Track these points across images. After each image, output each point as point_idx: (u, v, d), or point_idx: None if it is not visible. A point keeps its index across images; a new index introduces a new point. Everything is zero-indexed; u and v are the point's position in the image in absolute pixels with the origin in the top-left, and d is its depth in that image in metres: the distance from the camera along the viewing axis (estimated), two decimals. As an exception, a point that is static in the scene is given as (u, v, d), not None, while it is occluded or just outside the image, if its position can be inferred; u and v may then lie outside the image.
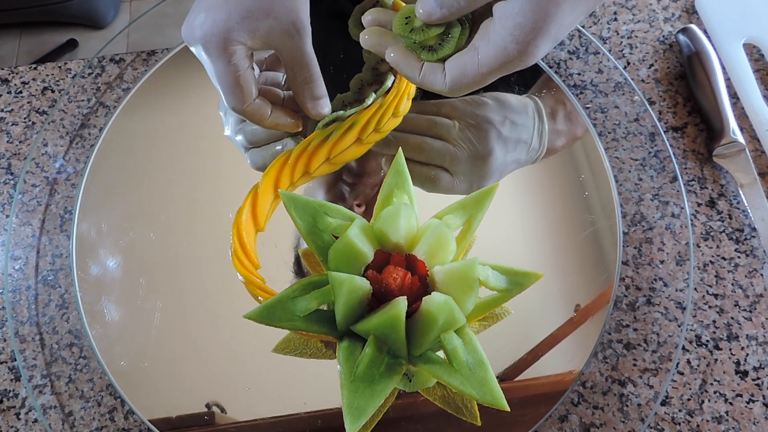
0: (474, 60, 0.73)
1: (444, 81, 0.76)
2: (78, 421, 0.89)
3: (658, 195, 1.00)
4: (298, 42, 0.82)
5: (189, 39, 0.81)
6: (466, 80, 0.74)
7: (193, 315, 0.93)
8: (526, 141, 1.00)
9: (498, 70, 0.72)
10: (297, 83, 0.85)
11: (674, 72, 1.11)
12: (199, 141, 1.02)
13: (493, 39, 0.71)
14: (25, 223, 1.00)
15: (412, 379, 0.81)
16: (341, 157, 0.91)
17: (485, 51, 0.72)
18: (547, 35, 0.69)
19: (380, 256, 0.80)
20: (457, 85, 0.75)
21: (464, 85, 0.75)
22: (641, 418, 0.88)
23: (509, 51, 0.70)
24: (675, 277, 0.95)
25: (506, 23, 0.69)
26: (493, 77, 0.73)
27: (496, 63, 0.71)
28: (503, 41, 0.69)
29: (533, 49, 0.69)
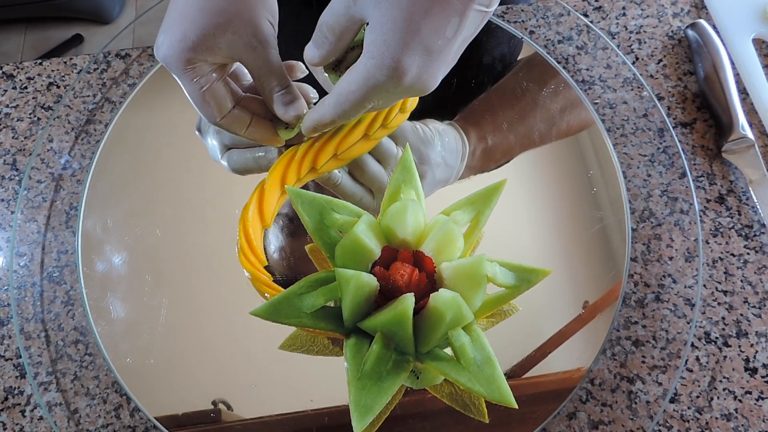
0: (345, 83, 0.74)
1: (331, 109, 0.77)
2: (83, 418, 0.88)
3: (666, 191, 1.00)
4: (261, 53, 0.81)
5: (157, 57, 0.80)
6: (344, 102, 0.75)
7: (200, 312, 0.93)
8: (448, 181, 1.00)
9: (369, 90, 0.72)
10: (266, 92, 0.84)
11: (683, 67, 1.10)
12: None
13: (360, 60, 0.72)
14: (30, 219, 0.99)
15: (419, 376, 0.81)
16: (348, 153, 0.91)
17: (353, 71, 0.72)
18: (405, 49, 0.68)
19: (387, 252, 0.80)
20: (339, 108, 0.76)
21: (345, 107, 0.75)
22: (650, 415, 0.87)
23: (369, 68, 0.70)
24: (684, 273, 0.95)
25: (366, 41, 0.70)
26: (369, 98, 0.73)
27: (361, 82, 0.71)
28: (364, 59, 0.70)
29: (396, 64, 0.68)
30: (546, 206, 0.99)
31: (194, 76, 0.79)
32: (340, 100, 0.75)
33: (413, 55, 0.68)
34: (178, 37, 0.77)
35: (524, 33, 1.12)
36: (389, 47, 0.68)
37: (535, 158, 1.02)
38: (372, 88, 0.71)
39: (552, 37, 1.13)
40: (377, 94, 0.72)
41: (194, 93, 0.80)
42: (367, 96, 0.73)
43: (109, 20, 2.94)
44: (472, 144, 1.02)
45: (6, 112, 1.08)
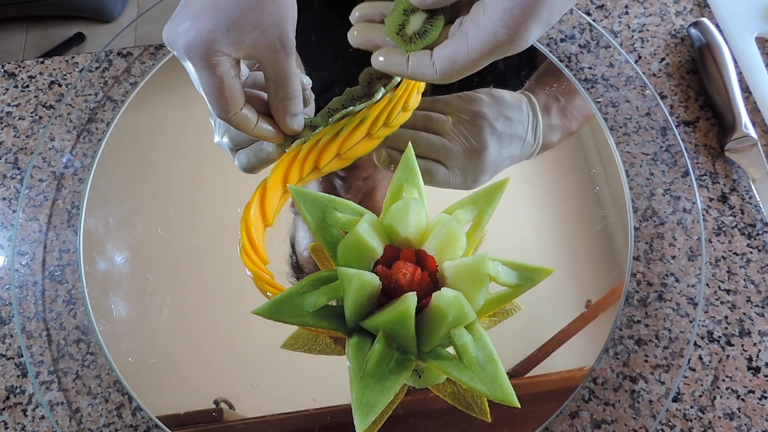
0: (464, 46, 0.72)
1: (434, 69, 0.75)
2: (85, 417, 0.88)
3: (669, 190, 0.99)
4: (282, 57, 0.80)
5: (172, 45, 0.79)
6: (456, 67, 0.73)
7: (201, 311, 0.93)
8: (520, 136, 1.00)
9: (488, 55, 0.71)
10: (277, 98, 0.84)
11: (686, 66, 1.10)
12: (208, 135, 1.02)
13: (483, 24, 0.70)
14: (32, 218, 0.99)
15: (421, 375, 0.81)
16: (351, 153, 0.91)
17: (475, 36, 0.71)
18: (538, 19, 0.68)
19: (390, 251, 0.80)
20: (447, 72, 0.74)
21: (455, 71, 0.74)
22: (653, 414, 0.87)
23: (499, 35, 0.69)
24: (687, 272, 0.95)
25: (496, 7, 0.68)
26: (483, 63, 0.72)
27: (486, 48, 0.70)
28: (493, 26, 0.69)
29: (524, 33, 0.68)
30: (548, 205, 0.99)
31: (216, 69, 0.78)
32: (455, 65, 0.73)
33: (540, 26, 0.69)
34: (209, 27, 0.75)
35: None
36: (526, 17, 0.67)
37: (538, 157, 1.01)
38: (494, 54, 0.71)
39: (554, 35, 1.13)
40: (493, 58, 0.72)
41: (212, 86, 0.79)
42: (485, 61, 0.72)
43: (111, 19, 2.94)
44: (542, 101, 1.03)
45: (7, 110, 1.08)
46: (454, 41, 0.73)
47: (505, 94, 1.03)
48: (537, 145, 1.01)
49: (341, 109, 0.91)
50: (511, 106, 1.01)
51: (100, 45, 2.71)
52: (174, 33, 0.77)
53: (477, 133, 0.98)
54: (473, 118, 0.99)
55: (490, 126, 0.99)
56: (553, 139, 1.03)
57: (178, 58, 0.80)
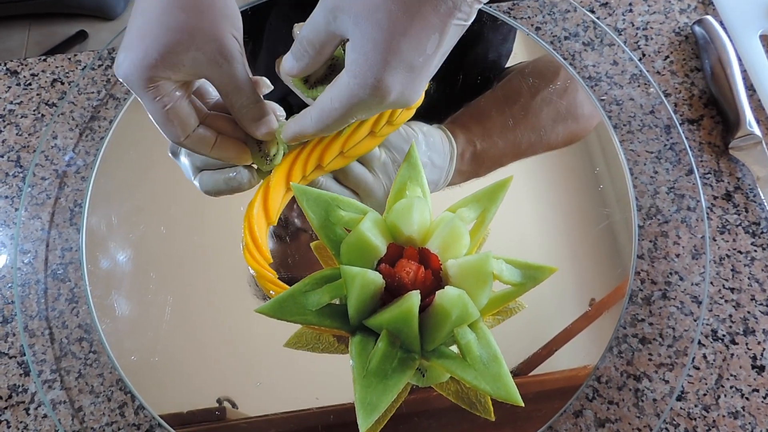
0: (327, 98, 0.73)
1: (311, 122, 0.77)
2: (88, 416, 0.88)
3: (673, 188, 0.99)
4: (227, 69, 0.78)
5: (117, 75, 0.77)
6: (326, 118, 0.75)
7: (204, 309, 0.93)
8: (436, 182, 0.99)
9: (352, 108, 0.72)
10: (236, 109, 0.83)
11: (690, 64, 1.10)
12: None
13: (341, 77, 0.72)
14: (34, 216, 0.99)
15: (425, 374, 0.80)
16: (354, 151, 0.91)
17: (334, 88, 0.72)
18: (387, 67, 0.68)
19: (393, 249, 0.80)
20: (321, 123, 0.76)
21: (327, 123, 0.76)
22: (657, 413, 0.87)
23: (351, 87, 0.70)
24: (691, 271, 0.94)
25: (347, 60, 0.70)
26: (352, 114, 0.73)
27: (344, 99, 0.72)
28: (346, 77, 0.70)
29: (377, 83, 0.69)
30: (552, 203, 0.99)
31: (156, 95, 0.76)
32: (323, 115, 0.75)
33: (396, 74, 0.69)
34: (140, 56, 0.74)
35: (530, 29, 1.12)
36: (371, 67, 0.68)
37: (542, 155, 1.01)
38: (355, 106, 0.71)
39: (558, 33, 1.12)
40: (360, 110, 0.72)
41: (157, 112, 0.78)
42: (350, 113, 0.73)
43: (114, 16, 2.94)
44: (461, 146, 1.02)
45: (10, 108, 1.08)
46: (323, 95, 0.75)
47: (436, 136, 1.02)
48: (443, 186, 1.01)
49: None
50: (438, 151, 1.00)
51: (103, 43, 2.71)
52: (116, 65, 0.77)
53: None
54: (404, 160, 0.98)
55: None
56: (456, 181, 1.02)
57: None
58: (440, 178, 0.99)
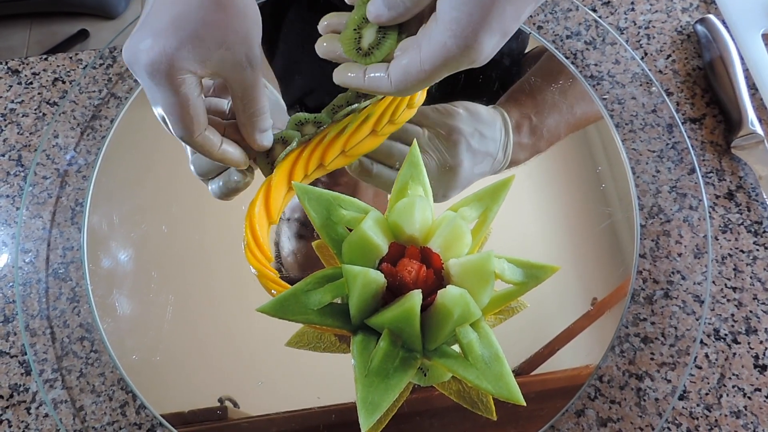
0: (416, 58, 0.71)
1: (389, 82, 0.75)
2: (89, 415, 0.88)
3: (675, 187, 0.99)
4: (250, 75, 0.79)
5: (133, 62, 0.76)
6: (410, 79, 0.73)
7: (206, 308, 0.92)
8: (492, 154, 1.00)
9: (442, 66, 0.70)
10: (245, 115, 0.83)
11: (692, 63, 1.10)
12: (212, 132, 1.02)
13: (434, 35, 0.70)
14: (35, 215, 0.99)
15: (426, 373, 0.80)
16: (356, 150, 0.91)
17: (426, 48, 0.70)
18: (488, 29, 0.67)
19: (395, 248, 0.80)
20: (402, 84, 0.74)
21: (409, 84, 0.74)
22: (659, 412, 0.87)
23: (449, 47, 0.68)
24: (693, 270, 0.94)
25: (444, 18, 0.68)
26: (438, 75, 0.72)
27: (438, 60, 0.70)
28: (443, 36, 0.68)
29: (475, 44, 0.68)
30: (554, 202, 0.99)
31: (181, 87, 0.75)
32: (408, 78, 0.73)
33: (493, 37, 0.68)
34: (174, 44, 0.73)
35: (532, 28, 1.12)
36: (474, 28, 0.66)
37: (544, 154, 1.01)
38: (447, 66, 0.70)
39: (560, 32, 1.12)
40: (447, 71, 0.71)
41: (177, 106, 0.77)
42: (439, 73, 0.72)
43: (115, 15, 2.94)
44: (515, 119, 1.02)
45: (11, 107, 1.08)
46: (407, 54, 0.73)
47: (480, 109, 1.02)
48: (505, 163, 1.01)
49: (346, 106, 0.91)
50: (486, 123, 1.01)
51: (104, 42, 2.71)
52: (135, 50, 0.75)
53: (452, 148, 0.98)
54: (449, 132, 0.98)
55: (466, 142, 0.99)
56: (520, 157, 1.02)
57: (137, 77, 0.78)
58: (496, 150, 1.00)
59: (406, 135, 0.98)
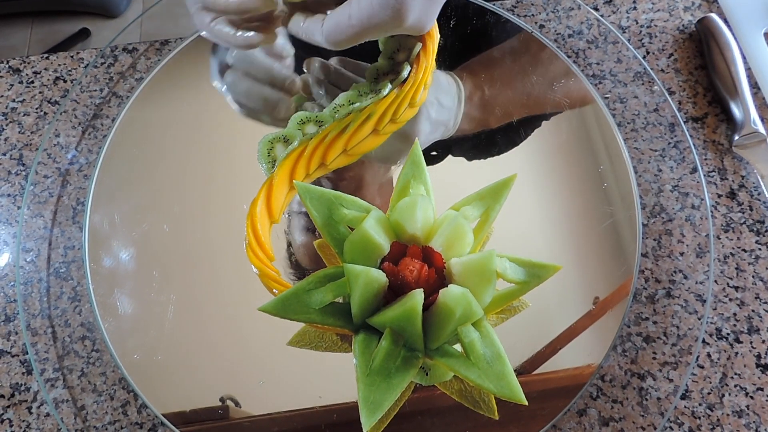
0: (345, 14, 0.76)
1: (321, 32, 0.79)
2: (90, 415, 0.88)
3: (677, 186, 0.99)
4: None
5: None
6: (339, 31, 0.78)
7: (207, 308, 0.92)
8: (445, 123, 1.00)
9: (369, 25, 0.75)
10: None
11: (694, 62, 1.10)
12: (213, 131, 1.02)
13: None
14: (36, 214, 0.99)
15: (428, 372, 0.80)
16: (358, 149, 0.91)
17: (356, 5, 0.75)
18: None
19: (396, 247, 0.80)
20: (332, 36, 0.79)
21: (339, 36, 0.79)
22: (661, 412, 0.87)
23: (374, 7, 0.73)
24: (695, 269, 0.94)
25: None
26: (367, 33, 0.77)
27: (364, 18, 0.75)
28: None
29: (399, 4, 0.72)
30: (556, 201, 0.99)
31: None
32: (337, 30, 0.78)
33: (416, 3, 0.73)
34: None
35: (534, 27, 1.12)
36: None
37: (545, 153, 1.01)
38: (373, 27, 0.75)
39: (562, 31, 1.12)
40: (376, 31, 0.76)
41: None
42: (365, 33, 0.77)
43: (117, 14, 2.94)
44: (468, 89, 1.03)
45: (12, 106, 1.08)
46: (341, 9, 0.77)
47: (441, 76, 1.03)
48: (453, 131, 1.02)
49: (348, 105, 0.91)
50: (445, 90, 1.02)
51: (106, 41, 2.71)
52: None
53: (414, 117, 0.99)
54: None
55: (426, 112, 1.00)
56: (466, 128, 1.02)
57: None
58: (449, 119, 1.00)
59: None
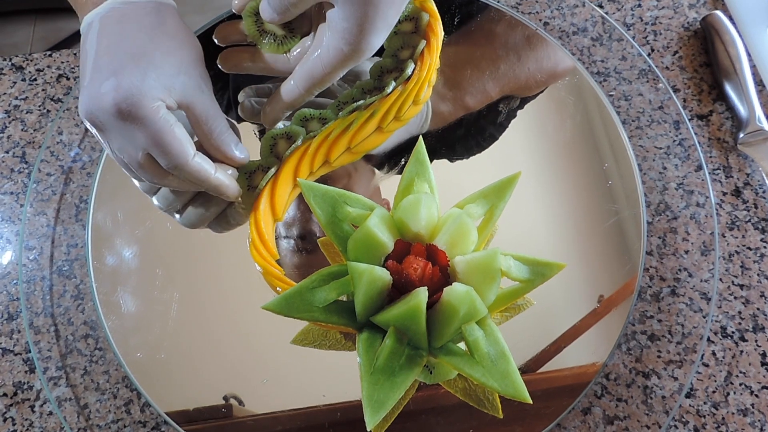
0: (318, 64, 0.83)
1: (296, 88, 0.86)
2: (93, 413, 0.88)
3: (682, 184, 0.99)
4: (207, 95, 0.82)
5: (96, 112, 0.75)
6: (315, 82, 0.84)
7: (211, 306, 0.92)
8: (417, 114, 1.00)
9: (340, 67, 0.82)
10: (214, 136, 0.82)
11: (699, 59, 1.09)
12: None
13: (330, 44, 0.81)
14: (39, 212, 0.99)
15: (432, 371, 0.80)
16: (362, 146, 0.91)
17: (326, 55, 0.82)
18: (375, 30, 0.79)
19: (400, 246, 0.80)
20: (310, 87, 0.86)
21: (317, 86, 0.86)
22: (666, 410, 0.87)
23: (345, 52, 0.80)
24: (700, 267, 0.94)
25: (337, 28, 0.79)
26: (339, 73, 0.84)
27: (337, 63, 0.82)
28: (338, 44, 0.80)
29: (365, 45, 0.80)
30: (560, 199, 0.98)
31: (160, 114, 0.75)
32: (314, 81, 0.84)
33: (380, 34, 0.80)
34: (139, 77, 0.74)
35: (538, 24, 1.12)
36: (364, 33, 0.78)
37: (550, 150, 1.01)
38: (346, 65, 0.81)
39: (567, 28, 1.12)
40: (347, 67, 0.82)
41: (161, 132, 0.75)
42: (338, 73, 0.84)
43: (120, 12, 2.94)
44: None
45: (15, 104, 1.07)
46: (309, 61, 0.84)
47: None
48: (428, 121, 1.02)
49: (351, 103, 0.91)
50: None
51: (109, 39, 2.70)
52: (97, 97, 0.74)
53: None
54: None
55: None
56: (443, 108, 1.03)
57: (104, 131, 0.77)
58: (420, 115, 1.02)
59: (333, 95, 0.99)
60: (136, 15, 0.79)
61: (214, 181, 0.82)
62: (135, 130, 0.75)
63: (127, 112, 0.74)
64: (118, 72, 0.74)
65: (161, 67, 0.76)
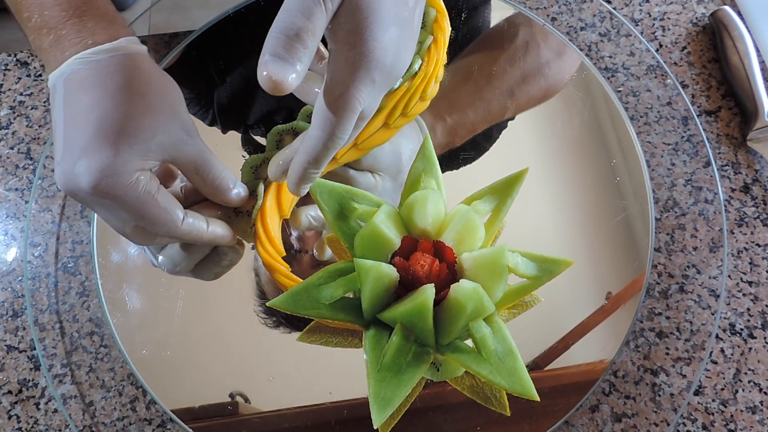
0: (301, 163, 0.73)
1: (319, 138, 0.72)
2: (99, 411, 0.88)
3: (691, 180, 0.98)
4: (192, 144, 0.76)
5: (75, 192, 0.72)
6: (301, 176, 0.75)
7: (216, 303, 0.92)
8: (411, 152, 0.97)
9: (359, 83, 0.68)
10: (207, 183, 0.79)
11: (707, 55, 1.09)
12: (223, 125, 1.01)
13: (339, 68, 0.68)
14: (44, 209, 0.99)
15: (439, 368, 0.80)
16: (368, 143, 0.90)
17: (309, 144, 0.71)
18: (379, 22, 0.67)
19: (407, 242, 0.79)
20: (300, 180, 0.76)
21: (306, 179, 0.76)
22: (674, 408, 0.86)
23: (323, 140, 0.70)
24: (708, 264, 0.94)
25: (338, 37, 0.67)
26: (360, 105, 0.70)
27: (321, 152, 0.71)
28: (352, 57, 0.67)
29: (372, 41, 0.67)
30: (568, 196, 0.98)
31: (141, 186, 0.71)
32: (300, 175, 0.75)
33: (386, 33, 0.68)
34: (110, 153, 0.69)
35: (546, 20, 1.11)
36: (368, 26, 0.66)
37: (557, 147, 1.01)
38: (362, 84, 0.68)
39: (574, 24, 1.12)
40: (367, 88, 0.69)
41: (144, 206, 0.73)
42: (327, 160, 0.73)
43: (125, 7, 2.93)
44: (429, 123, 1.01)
45: (20, 100, 1.07)
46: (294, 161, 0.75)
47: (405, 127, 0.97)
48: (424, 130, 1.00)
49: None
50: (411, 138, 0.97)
51: (114, 35, 2.70)
52: (72, 178, 0.71)
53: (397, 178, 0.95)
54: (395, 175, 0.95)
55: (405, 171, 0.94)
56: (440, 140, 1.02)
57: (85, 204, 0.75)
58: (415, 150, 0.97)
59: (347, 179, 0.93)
60: (99, 77, 0.73)
61: (207, 237, 0.80)
62: (117, 208, 0.73)
63: (105, 193, 0.70)
64: (87, 151, 0.70)
65: (134, 136, 0.71)
